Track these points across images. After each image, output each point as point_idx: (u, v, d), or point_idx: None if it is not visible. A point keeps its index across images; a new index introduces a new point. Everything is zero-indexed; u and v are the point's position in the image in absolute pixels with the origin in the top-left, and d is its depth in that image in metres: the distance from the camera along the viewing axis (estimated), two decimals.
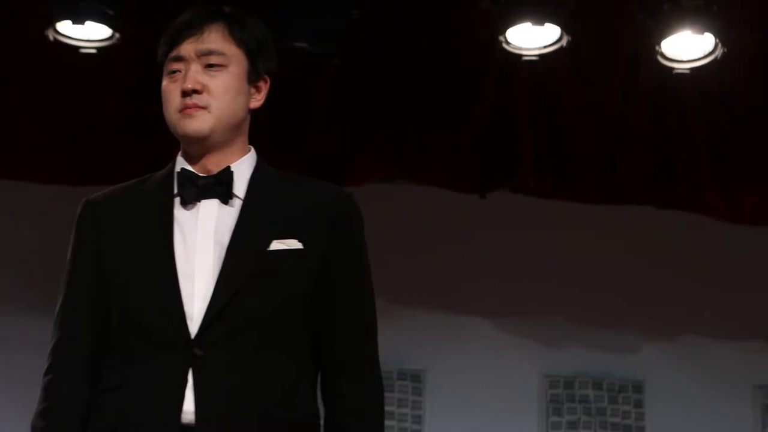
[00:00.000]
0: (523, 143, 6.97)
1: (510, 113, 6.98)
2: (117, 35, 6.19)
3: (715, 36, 6.52)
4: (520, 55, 6.58)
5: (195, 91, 2.88)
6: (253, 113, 3.00)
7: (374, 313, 3.00)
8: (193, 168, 2.92)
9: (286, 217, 2.91)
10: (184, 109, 2.89)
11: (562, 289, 7.83)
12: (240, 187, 2.92)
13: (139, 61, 6.17)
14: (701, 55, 6.65)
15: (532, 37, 6.56)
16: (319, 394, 2.98)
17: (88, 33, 6.17)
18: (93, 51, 6.25)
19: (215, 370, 2.78)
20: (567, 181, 7.11)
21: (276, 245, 2.85)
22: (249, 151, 3.00)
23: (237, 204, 2.90)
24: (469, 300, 7.81)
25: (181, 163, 2.94)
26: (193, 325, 2.80)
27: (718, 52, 6.63)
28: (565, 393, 7.84)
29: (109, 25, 6.13)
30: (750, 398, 7.97)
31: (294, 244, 2.86)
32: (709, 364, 7.96)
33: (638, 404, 7.89)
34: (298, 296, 2.87)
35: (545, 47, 6.58)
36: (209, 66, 2.91)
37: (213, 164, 2.92)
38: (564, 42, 6.55)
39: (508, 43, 6.53)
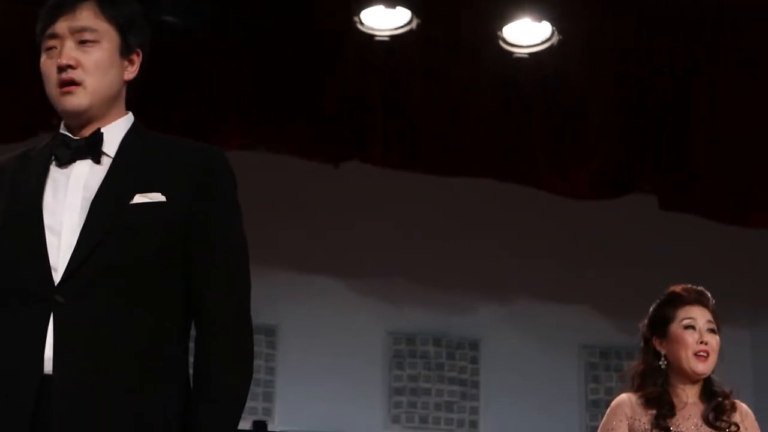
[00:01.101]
0: (374, 118, 7.03)
1: (363, 90, 7.02)
2: None
3: (552, 24, 6.73)
4: (373, 36, 6.69)
5: (70, 66, 2.90)
6: (130, 83, 3.00)
7: (243, 264, 2.97)
8: (71, 133, 2.95)
9: (151, 172, 2.89)
10: (62, 86, 2.91)
11: (406, 253, 7.90)
12: (111, 147, 2.92)
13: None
14: (539, 41, 6.85)
15: (384, 19, 6.65)
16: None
17: None
18: None
19: (76, 319, 2.75)
20: (413, 154, 7.15)
21: (138, 198, 2.83)
22: (125, 115, 3.00)
23: (107, 162, 2.90)
24: (321, 261, 7.82)
25: (61, 129, 2.98)
26: (57, 276, 2.78)
27: (555, 39, 6.84)
28: (407, 349, 7.91)
29: None
30: (576, 357, 8.17)
31: (157, 197, 2.84)
32: (540, 325, 8.11)
33: (474, 360, 8.00)
34: (161, 248, 2.83)
35: (396, 29, 6.68)
36: (82, 42, 2.92)
37: (88, 130, 2.94)
38: (414, 25, 6.65)
39: (362, 23, 6.64)
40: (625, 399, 4.36)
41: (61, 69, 2.91)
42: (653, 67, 7.27)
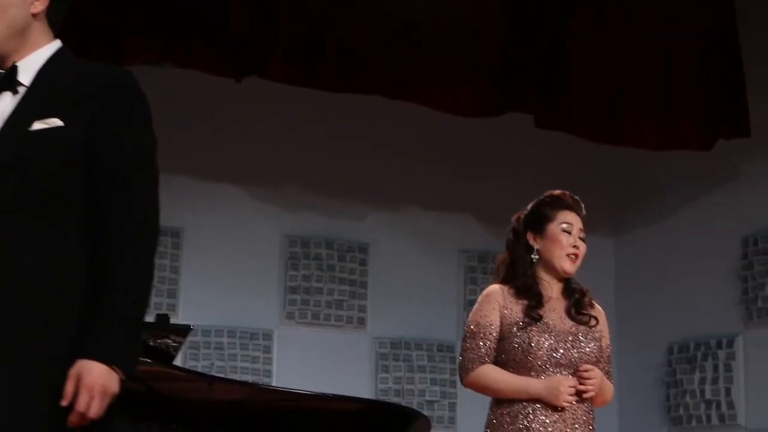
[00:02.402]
0: (275, 35, 7.04)
1: (265, 6, 7.01)
2: None
3: None
4: None
5: None
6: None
7: (149, 176, 2.95)
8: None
9: (56, 98, 2.86)
10: None
11: (302, 164, 7.93)
12: (27, 77, 2.90)
13: None
14: None
15: None
16: None
17: None
18: None
19: None
20: (312, 71, 7.15)
21: (37, 125, 2.82)
22: (46, 45, 2.98)
23: (22, 93, 2.89)
24: (223, 170, 7.80)
25: None
26: None
27: None
28: (301, 251, 7.93)
29: None
30: (456, 261, 8.31)
31: (54, 122, 2.82)
32: (423, 231, 8.21)
33: (363, 263, 8.08)
34: (62, 171, 2.81)
35: None
36: None
37: (8, 65, 2.93)
38: None
39: None
40: (497, 289, 4.40)
41: None
42: None
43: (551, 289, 4.42)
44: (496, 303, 4.38)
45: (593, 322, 4.39)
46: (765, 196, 7.89)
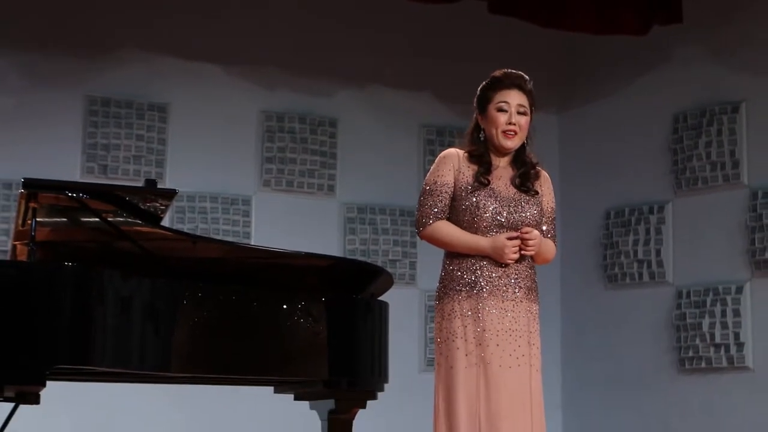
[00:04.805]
0: None
1: None
2: None
3: None
4: None
5: None
6: None
7: None
8: None
9: None
10: None
11: (279, 45, 7.87)
12: None
13: None
14: None
15: None
16: None
17: None
18: None
19: None
20: None
21: None
22: None
23: None
24: (206, 49, 7.73)
25: None
26: None
27: None
28: (277, 125, 7.89)
29: None
30: (416, 134, 8.30)
31: None
32: (387, 107, 8.19)
33: (332, 136, 8.05)
34: None
35: None
36: None
37: None
38: None
39: None
40: (453, 152, 4.41)
41: None
42: None
43: (499, 160, 4.41)
44: (452, 165, 4.38)
45: (532, 192, 4.39)
46: (694, 77, 7.92)
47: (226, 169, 7.79)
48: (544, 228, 4.42)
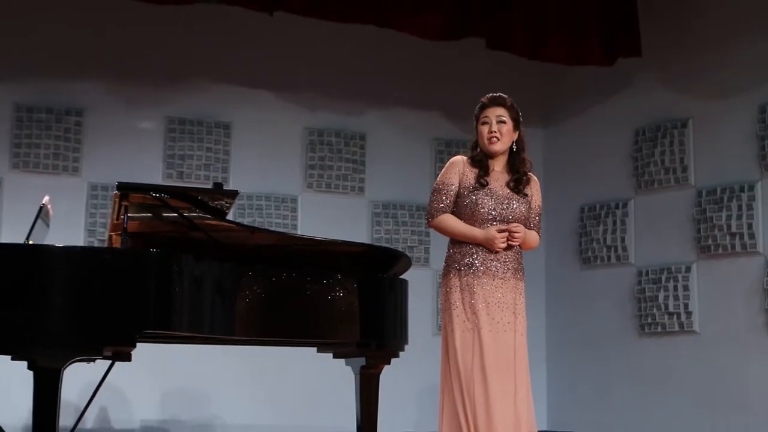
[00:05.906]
0: None
1: None
2: None
3: None
4: None
5: None
6: None
7: None
8: None
9: None
10: None
11: (318, 72, 7.80)
12: None
13: None
14: None
15: None
16: None
17: None
18: None
19: None
20: (320, 6, 6.79)
21: None
22: None
23: None
24: (263, 76, 7.64)
25: None
26: None
27: None
28: (317, 139, 7.82)
29: None
30: (429, 146, 8.20)
31: None
32: (406, 123, 8.08)
33: (362, 147, 7.95)
34: None
35: None
36: None
37: None
38: None
39: None
40: (459, 159, 4.43)
41: None
42: None
43: (495, 164, 4.42)
44: (457, 169, 4.39)
45: (523, 194, 4.40)
46: (651, 99, 7.88)
47: (277, 174, 7.75)
48: (532, 224, 4.42)
